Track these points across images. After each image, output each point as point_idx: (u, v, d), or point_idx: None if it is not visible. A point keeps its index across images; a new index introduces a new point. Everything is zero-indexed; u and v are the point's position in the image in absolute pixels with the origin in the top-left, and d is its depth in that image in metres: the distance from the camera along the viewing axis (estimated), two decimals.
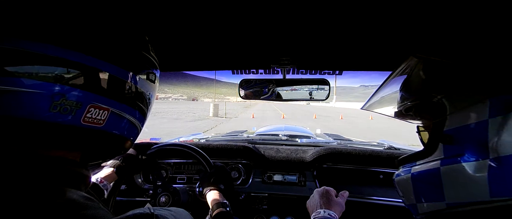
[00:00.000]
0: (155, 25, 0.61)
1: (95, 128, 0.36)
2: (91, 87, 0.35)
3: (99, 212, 0.32)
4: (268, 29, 0.62)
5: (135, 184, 1.17)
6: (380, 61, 0.86)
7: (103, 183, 0.83)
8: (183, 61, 0.94)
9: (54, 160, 0.34)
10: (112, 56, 0.37)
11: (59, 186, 0.33)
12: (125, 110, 0.40)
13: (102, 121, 0.37)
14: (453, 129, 0.44)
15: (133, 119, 0.43)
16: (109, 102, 0.37)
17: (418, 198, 0.50)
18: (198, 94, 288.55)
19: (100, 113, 0.36)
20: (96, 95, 0.35)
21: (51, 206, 0.30)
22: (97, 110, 0.36)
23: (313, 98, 1.08)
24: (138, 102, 0.43)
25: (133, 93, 0.41)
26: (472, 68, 0.43)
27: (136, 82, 0.42)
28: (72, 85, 0.33)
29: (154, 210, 0.35)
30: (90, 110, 0.35)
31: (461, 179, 0.41)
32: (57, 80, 0.32)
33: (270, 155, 1.21)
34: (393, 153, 1.16)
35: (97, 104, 0.35)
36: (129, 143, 0.46)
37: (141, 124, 0.48)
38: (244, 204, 1.12)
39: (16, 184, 0.30)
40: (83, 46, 0.34)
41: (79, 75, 0.33)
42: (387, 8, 0.50)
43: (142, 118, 0.46)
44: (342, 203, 0.74)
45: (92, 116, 0.35)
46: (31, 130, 0.32)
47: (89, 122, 0.35)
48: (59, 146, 0.35)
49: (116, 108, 0.38)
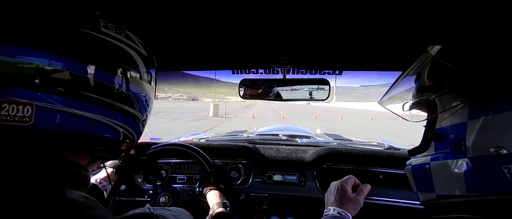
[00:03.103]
0: (155, 25, 0.61)
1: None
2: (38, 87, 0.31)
3: (100, 212, 0.32)
4: (268, 29, 0.62)
5: (135, 184, 1.17)
6: (380, 61, 0.86)
7: (103, 184, 0.83)
8: (183, 61, 0.94)
9: (53, 161, 0.34)
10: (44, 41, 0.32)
11: (58, 186, 0.33)
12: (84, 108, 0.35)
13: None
14: (443, 128, 0.49)
15: (115, 122, 0.40)
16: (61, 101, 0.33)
17: (417, 188, 0.56)
18: (198, 94, 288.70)
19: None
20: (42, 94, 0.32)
21: (51, 206, 0.30)
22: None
23: (313, 98, 1.08)
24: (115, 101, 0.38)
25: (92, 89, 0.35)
26: (464, 71, 0.46)
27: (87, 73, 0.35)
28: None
29: (154, 210, 0.35)
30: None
31: (445, 174, 0.47)
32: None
33: (270, 155, 1.21)
34: (393, 153, 1.16)
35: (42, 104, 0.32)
36: (125, 145, 0.45)
37: (135, 125, 0.44)
38: (244, 204, 1.12)
39: (16, 184, 0.30)
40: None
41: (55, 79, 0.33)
42: (387, 8, 0.50)
43: (127, 119, 0.42)
44: (359, 199, 0.67)
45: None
46: (31, 137, 0.32)
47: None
48: (61, 149, 0.36)
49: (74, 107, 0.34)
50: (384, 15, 0.52)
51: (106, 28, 0.37)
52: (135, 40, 0.43)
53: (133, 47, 0.41)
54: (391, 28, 0.59)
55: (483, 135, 0.41)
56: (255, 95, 1.11)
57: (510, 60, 0.41)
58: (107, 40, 0.37)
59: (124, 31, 0.40)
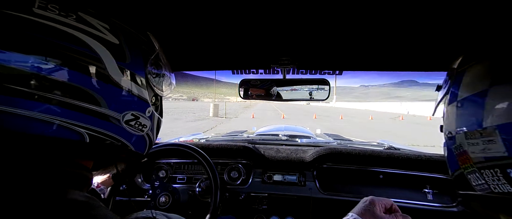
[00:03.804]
0: (155, 24, 0.61)
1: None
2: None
3: (105, 212, 0.32)
4: (268, 29, 0.62)
5: (135, 184, 1.18)
6: (380, 61, 0.86)
7: (100, 187, 0.82)
8: (183, 61, 0.95)
9: (56, 161, 0.34)
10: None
11: (62, 187, 0.33)
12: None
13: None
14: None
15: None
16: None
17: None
18: (198, 94, 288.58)
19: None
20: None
21: (56, 206, 0.30)
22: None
23: (313, 98, 1.08)
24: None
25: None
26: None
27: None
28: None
29: (156, 215, 0.35)
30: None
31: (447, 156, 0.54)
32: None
33: (270, 155, 1.21)
34: (393, 153, 1.16)
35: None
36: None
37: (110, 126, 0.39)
38: (244, 204, 1.12)
39: (19, 185, 0.30)
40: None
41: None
42: (386, 8, 0.50)
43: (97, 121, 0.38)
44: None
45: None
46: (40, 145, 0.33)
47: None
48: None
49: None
50: (383, 15, 0.53)
51: (42, 9, 0.32)
52: (96, 26, 0.36)
53: (90, 33, 0.35)
54: (391, 28, 0.59)
55: (445, 122, 0.52)
56: (255, 95, 1.11)
57: None
58: (43, 23, 0.32)
59: (76, 14, 0.34)
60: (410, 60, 0.82)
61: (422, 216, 0.98)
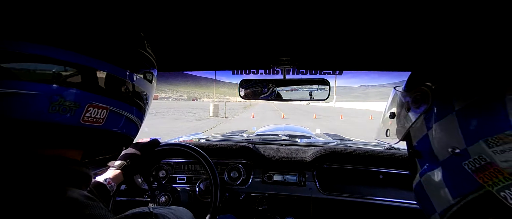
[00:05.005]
0: (155, 24, 0.61)
1: (95, 126, 0.36)
2: (89, 86, 0.34)
3: (100, 212, 0.32)
4: (268, 29, 0.62)
5: (135, 184, 1.17)
6: (380, 61, 0.86)
7: (111, 184, 0.82)
8: (183, 61, 0.94)
9: (54, 159, 0.34)
10: (108, 54, 0.37)
11: (60, 185, 0.33)
12: (123, 108, 0.40)
13: (102, 119, 0.37)
14: (417, 143, 0.50)
15: (132, 117, 0.43)
16: (108, 101, 0.37)
17: (424, 209, 0.53)
18: (198, 94, 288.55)
19: (99, 112, 0.36)
20: (94, 95, 0.35)
21: (52, 204, 0.30)
22: (96, 109, 0.35)
23: (313, 98, 1.08)
24: (136, 100, 0.43)
25: (131, 91, 0.41)
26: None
27: (133, 80, 0.41)
28: (69, 85, 0.32)
29: (153, 209, 0.35)
30: (89, 109, 0.35)
31: (434, 187, 0.46)
32: (54, 81, 0.31)
33: (270, 155, 1.21)
34: (393, 153, 1.16)
35: (96, 103, 0.35)
36: (129, 140, 0.46)
37: (140, 122, 0.47)
38: (244, 204, 1.12)
39: (17, 183, 0.30)
40: (80, 45, 0.34)
41: (76, 75, 0.33)
42: (386, 8, 0.50)
43: (141, 115, 0.46)
44: None
45: (92, 115, 0.35)
46: (30, 131, 0.32)
47: (88, 121, 0.35)
48: (58, 145, 0.35)
49: (115, 107, 0.38)
50: (383, 15, 0.53)
51: (148, 48, 0.46)
52: (146, 44, 0.48)
53: (148, 52, 0.47)
54: (391, 28, 0.59)
55: (440, 140, 0.44)
56: (255, 95, 1.11)
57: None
58: (148, 56, 0.45)
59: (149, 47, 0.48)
60: (410, 60, 0.82)
61: (422, 216, 0.98)
